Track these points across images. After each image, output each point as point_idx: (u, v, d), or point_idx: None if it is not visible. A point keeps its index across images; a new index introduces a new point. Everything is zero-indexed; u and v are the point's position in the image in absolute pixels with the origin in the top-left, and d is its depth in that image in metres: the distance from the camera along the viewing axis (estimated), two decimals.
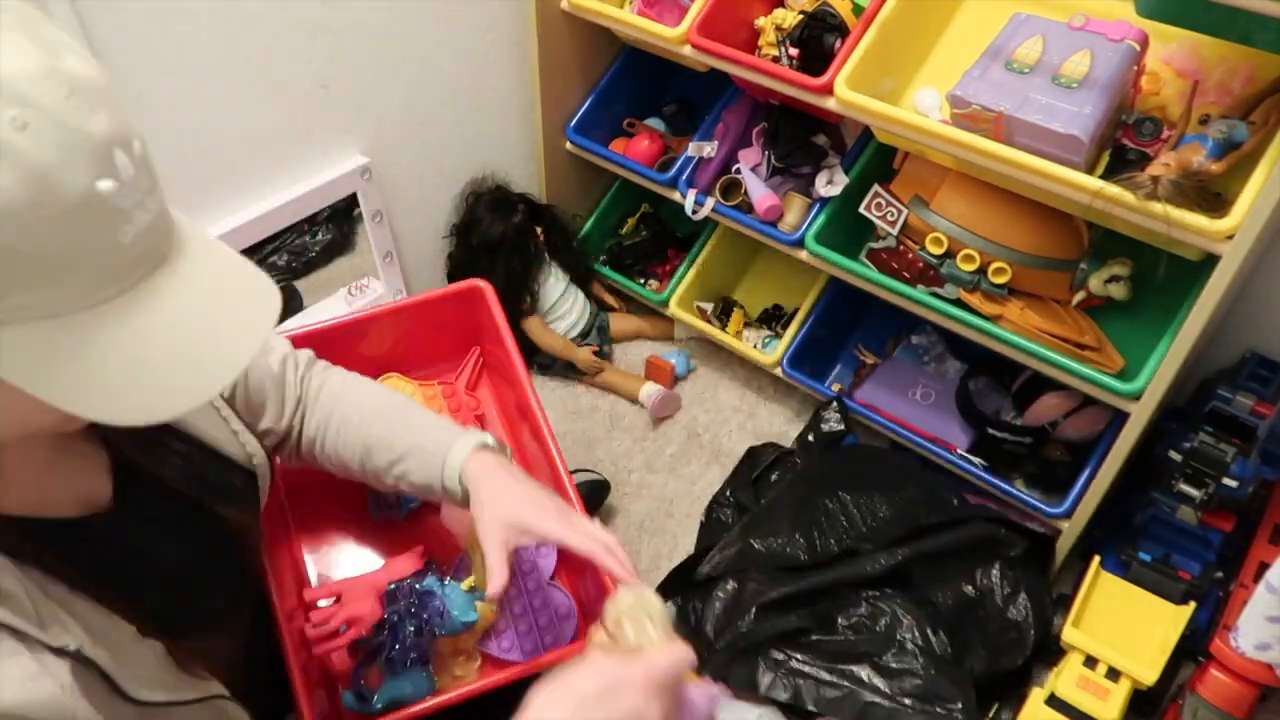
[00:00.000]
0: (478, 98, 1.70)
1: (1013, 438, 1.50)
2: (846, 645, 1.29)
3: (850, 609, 1.34)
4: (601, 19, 1.59)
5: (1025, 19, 1.25)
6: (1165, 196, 1.07)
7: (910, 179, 1.43)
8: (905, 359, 1.70)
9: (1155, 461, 1.33)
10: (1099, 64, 1.16)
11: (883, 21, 1.33)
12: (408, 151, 1.63)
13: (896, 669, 1.26)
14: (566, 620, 1.13)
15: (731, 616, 1.30)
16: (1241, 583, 1.31)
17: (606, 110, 1.82)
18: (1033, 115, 1.15)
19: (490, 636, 1.10)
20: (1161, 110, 1.20)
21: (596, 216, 1.95)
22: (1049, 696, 1.25)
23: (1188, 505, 1.31)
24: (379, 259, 1.62)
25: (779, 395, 1.80)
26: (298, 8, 1.34)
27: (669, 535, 1.60)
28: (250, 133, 1.38)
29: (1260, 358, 1.39)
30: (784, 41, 1.44)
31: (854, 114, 1.34)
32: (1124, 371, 1.34)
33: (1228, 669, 1.17)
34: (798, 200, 1.57)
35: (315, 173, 1.49)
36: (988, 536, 1.36)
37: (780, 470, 1.60)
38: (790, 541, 1.37)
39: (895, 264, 1.43)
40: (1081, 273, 1.35)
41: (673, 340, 1.92)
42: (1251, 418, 1.26)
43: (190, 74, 1.27)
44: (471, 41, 1.62)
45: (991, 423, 1.52)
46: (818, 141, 1.60)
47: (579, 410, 1.81)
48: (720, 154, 1.66)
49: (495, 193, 1.76)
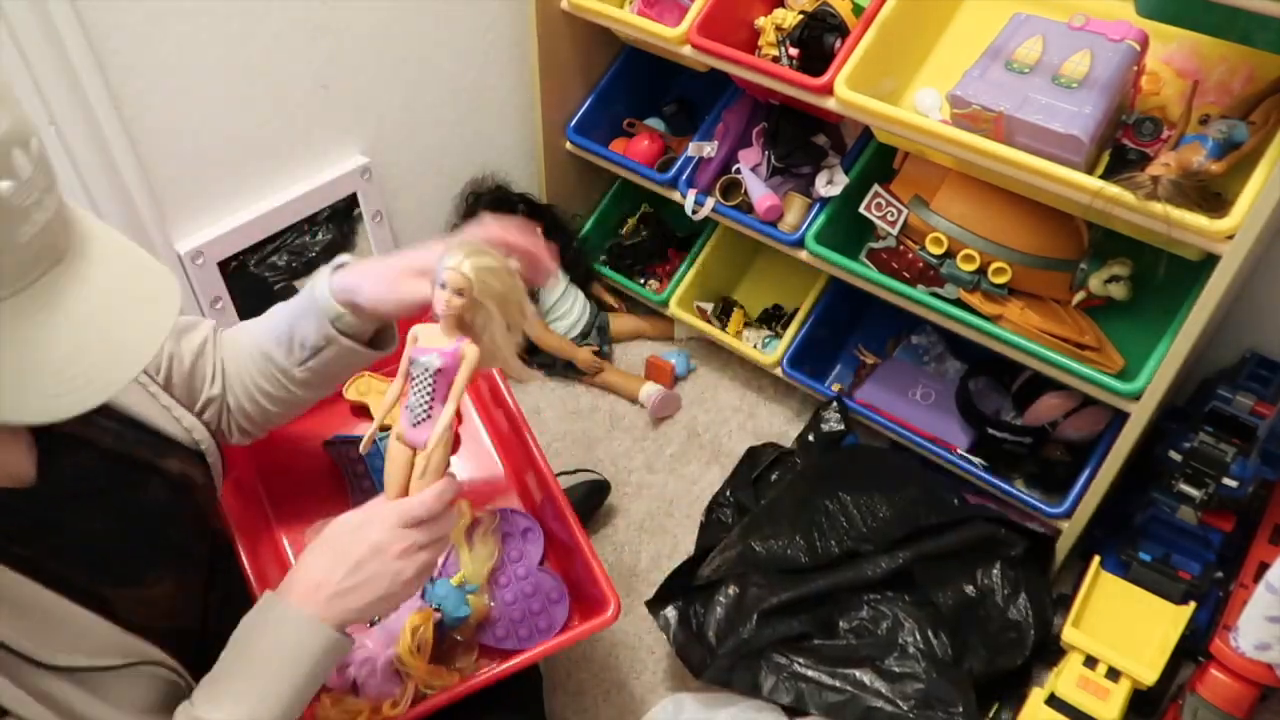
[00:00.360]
0: (478, 98, 1.70)
1: (1013, 438, 1.50)
2: (848, 649, 1.30)
3: (852, 612, 1.34)
4: (601, 19, 1.59)
5: (1025, 19, 1.25)
6: (1165, 196, 1.07)
7: (910, 179, 1.43)
8: (905, 359, 1.70)
9: (1155, 461, 1.33)
10: (1099, 64, 1.16)
11: (883, 21, 1.33)
12: (408, 151, 1.63)
13: (898, 672, 1.26)
14: (558, 604, 1.14)
15: (734, 622, 1.30)
16: (1241, 583, 1.31)
17: (606, 110, 1.82)
18: (1033, 115, 1.15)
19: (485, 626, 1.11)
20: (1161, 110, 1.20)
21: (596, 216, 1.95)
22: (1049, 696, 1.25)
23: (1188, 505, 1.31)
24: None
25: (779, 395, 1.80)
26: (298, 8, 1.34)
27: (669, 535, 1.60)
28: (250, 133, 1.38)
29: (1260, 358, 1.39)
30: (784, 41, 1.44)
31: (854, 114, 1.34)
32: (1124, 371, 1.34)
33: (1228, 669, 1.17)
34: (798, 200, 1.57)
35: (315, 173, 1.49)
36: (988, 537, 1.36)
37: (780, 470, 1.60)
38: (791, 543, 1.37)
39: (895, 264, 1.43)
40: (1081, 273, 1.35)
41: (673, 340, 1.92)
42: (1251, 418, 1.26)
43: (190, 74, 1.27)
44: (471, 41, 1.62)
45: (991, 423, 1.52)
46: (818, 141, 1.60)
47: (579, 410, 1.81)
48: (720, 154, 1.66)
49: (495, 193, 1.76)
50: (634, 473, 1.70)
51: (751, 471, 1.60)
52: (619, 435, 1.76)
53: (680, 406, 1.80)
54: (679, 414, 1.79)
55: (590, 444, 1.74)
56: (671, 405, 1.78)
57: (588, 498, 1.58)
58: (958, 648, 1.30)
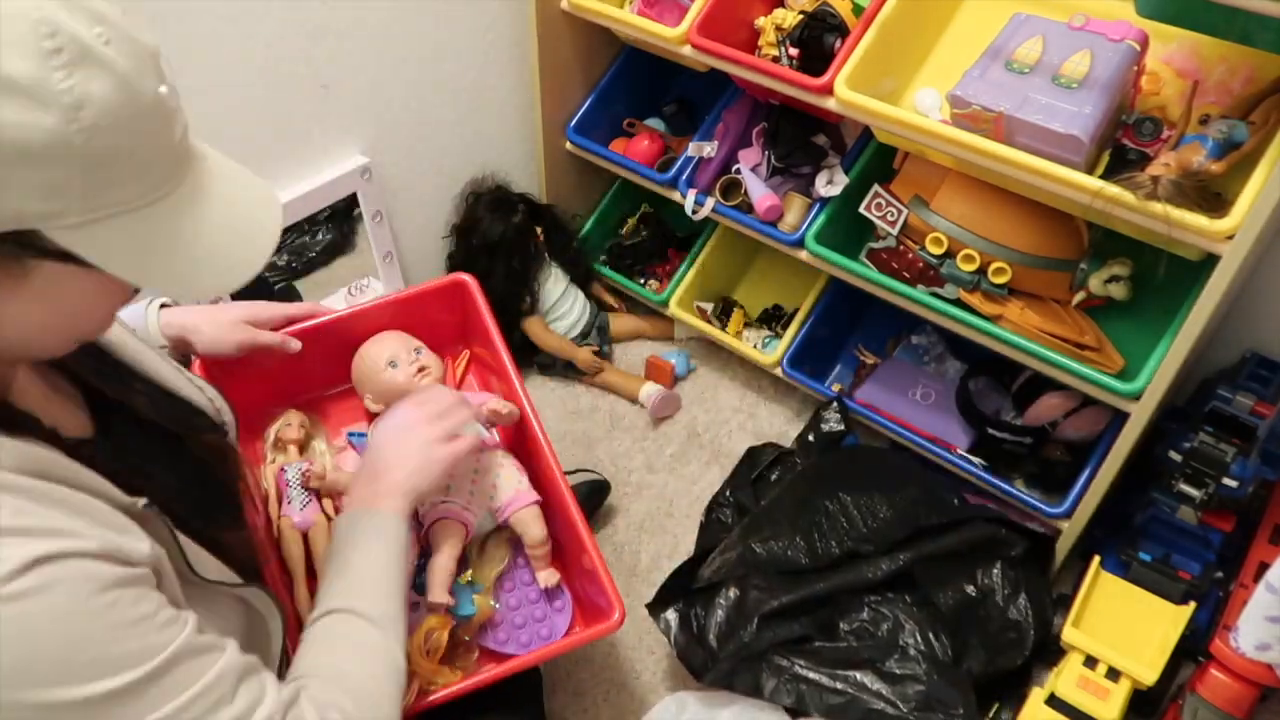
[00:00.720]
0: (478, 98, 1.70)
1: (1013, 438, 1.50)
2: (849, 651, 1.29)
3: (852, 614, 1.34)
4: (601, 19, 1.59)
5: (1025, 19, 1.25)
6: (1165, 196, 1.07)
7: (910, 179, 1.43)
8: (905, 359, 1.70)
9: (1155, 461, 1.33)
10: (1099, 64, 1.16)
11: (883, 21, 1.33)
12: (408, 151, 1.63)
13: (899, 674, 1.26)
14: (560, 613, 1.14)
15: (734, 625, 1.30)
16: (1241, 583, 1.31)
17: (606, 110, 1.82)
18: (1033, 115, 1.15)
19: (487, 629, 1.11)
20: (1161, 110, 1.20)
21: (596, 216, 1.95)
22: (1049, 696, 1.25)
23: (1188, 505, 1.31)
24: (379, 259, 1.62)
25: (779, 395, 1.80)
26: (298, 8, 1.34)
27: (669, 535, 1.60)
28: (250, 133, 1.38)
29: (1260, 358, 1.39)
30: (784, 41, 1.44)
31: (854, 114, 1.34)
32: (1124, 371, 1.33)
33: (1228, 669, 1.17)
34: (798, 200, 1.57)
35: (315, 173, 1.49)
36: (988, 537, 1.36)
37: (780, 470, 1.60)
38: (791, 544, 1.37)
39: (895, 264, 1.43)
40: (1081, 273, 1.35)
41: (673, 340, 1.92)
42: (1251, 418, 1.26)
43: (190, 74, 1.26)
44: (471, 41, 1.62)
45: (991, 423, 1.52)
46: (818, 141, 1.60)
47: (579, 410, 1.81)
48: (720, 154, 1.66)
49: (495, 193, 1.76)
50: (634, 473, 1.70)
51: (751, 471, 1.60)
52: (619, 435, 1.76)
53: (680, 406, 1.80)
54: (679, 414, 1.79)
55: (590, 444, 1.74)
56: (671, 405, 1.78)
57: (588, 498, 1.58)
58: (958, 648, 1.30)
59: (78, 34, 0.52)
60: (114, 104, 0.54)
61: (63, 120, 0.52)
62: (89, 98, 0.53)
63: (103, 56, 0.53)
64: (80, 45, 0.52)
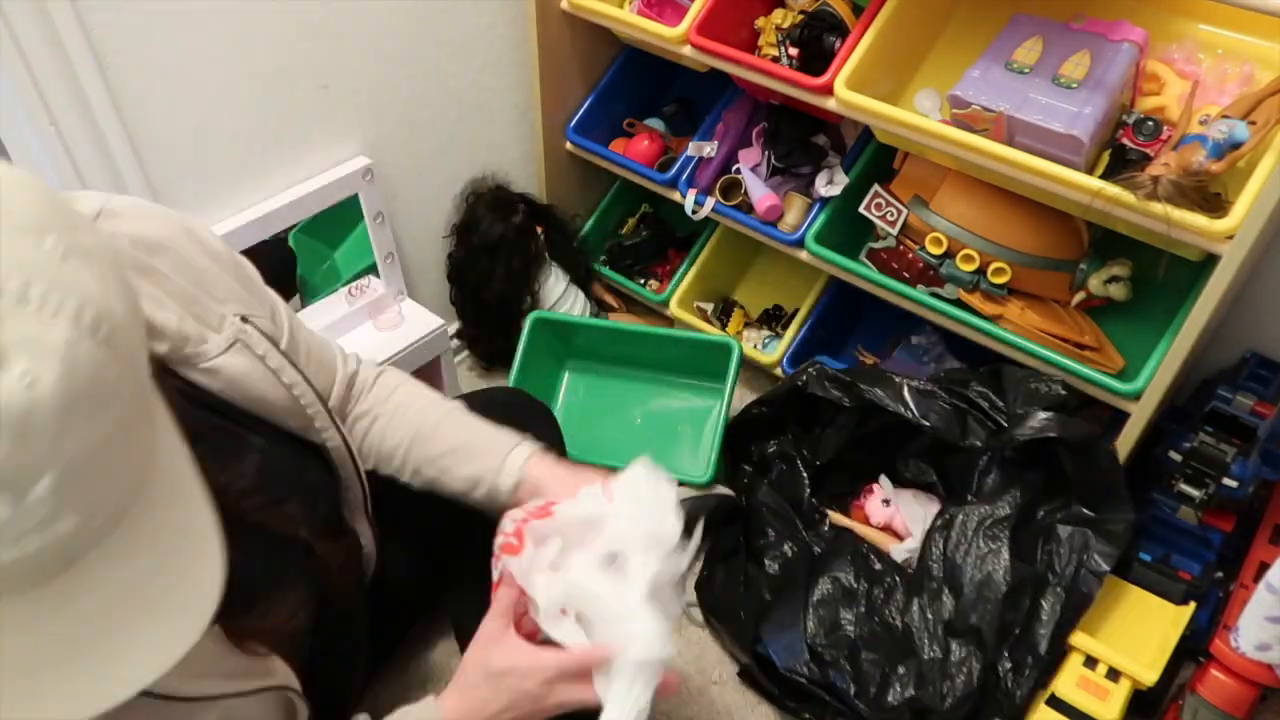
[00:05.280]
0: (478, 98, 1.70)
1: None
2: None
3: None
4: (601, 19, 1.59)
5: (1025, 19, 1.25)
6: (1165, 196, 1.07)
7: (910, 179, 1.43)
8: (905, 359, 1.70)
9: (1155, 461, 1.33)
10: (1099, 64, 1.16)
11: (883, 21, 1.33)
12: (408, 151, 1.63)
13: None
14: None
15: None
16: (1241, 583, 1.31)
17: (606, 110, 1.82)
18: (1033, 115, 1.15)
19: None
20: (1161, 110, 1.20)
21: (596, 216, 1.95)
22: (1049, 696, 1.25)
23: (1188, 505, 1.31)
24: (380, 259, 1.62)
25: None
26: (298, 8, 1.34)
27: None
28: (250, 133, 1.38)
29: (1260, 358, 1.39)
30: (784, 41, 1.44)
31: (854, 114, 1.34)
32: (1124, 371, 1.34)
33: (1228, 669, 1.17)
34: (798, 200, 1.57)
35: (316, 173, 1.49)
36: None
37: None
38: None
39: (895, 264, 1.43)
40: (1081, 273, 1.35)
41: None
42: (1251, 418, 1.26)
43: (190, 74, 1.27)
44: (471, 41, 1.62)
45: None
46: (818, 141, 1.60)
47: None
48: (720, 154, 1.66)
49: (495, 193, 1.76)
50: None
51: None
52: None
53: None
54: None
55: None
56: None
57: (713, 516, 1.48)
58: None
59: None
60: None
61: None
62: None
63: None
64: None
